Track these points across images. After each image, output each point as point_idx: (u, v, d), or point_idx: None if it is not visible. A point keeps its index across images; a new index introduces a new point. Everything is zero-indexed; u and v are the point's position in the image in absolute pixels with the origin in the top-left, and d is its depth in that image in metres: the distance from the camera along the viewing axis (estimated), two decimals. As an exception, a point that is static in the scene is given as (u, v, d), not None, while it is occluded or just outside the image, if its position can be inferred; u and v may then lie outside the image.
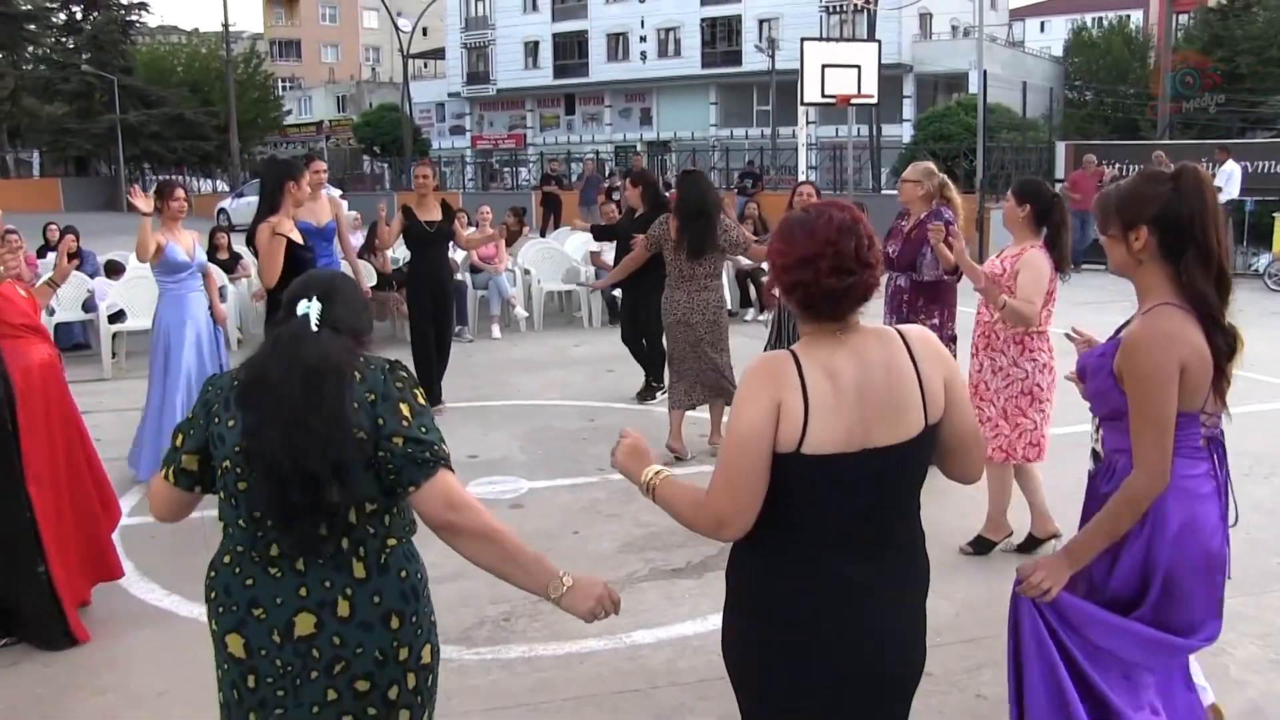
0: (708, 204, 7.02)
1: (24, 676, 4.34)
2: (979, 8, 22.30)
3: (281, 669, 2.31)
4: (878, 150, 29.95)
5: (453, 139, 60.89)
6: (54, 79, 52.53)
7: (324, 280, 2.46)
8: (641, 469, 2.44)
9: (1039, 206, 5.09)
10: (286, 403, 2.22)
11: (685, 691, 4.16)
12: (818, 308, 2.27)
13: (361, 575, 2.31)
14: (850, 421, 2.22)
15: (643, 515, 6.08)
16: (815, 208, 2.32)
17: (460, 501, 2.29)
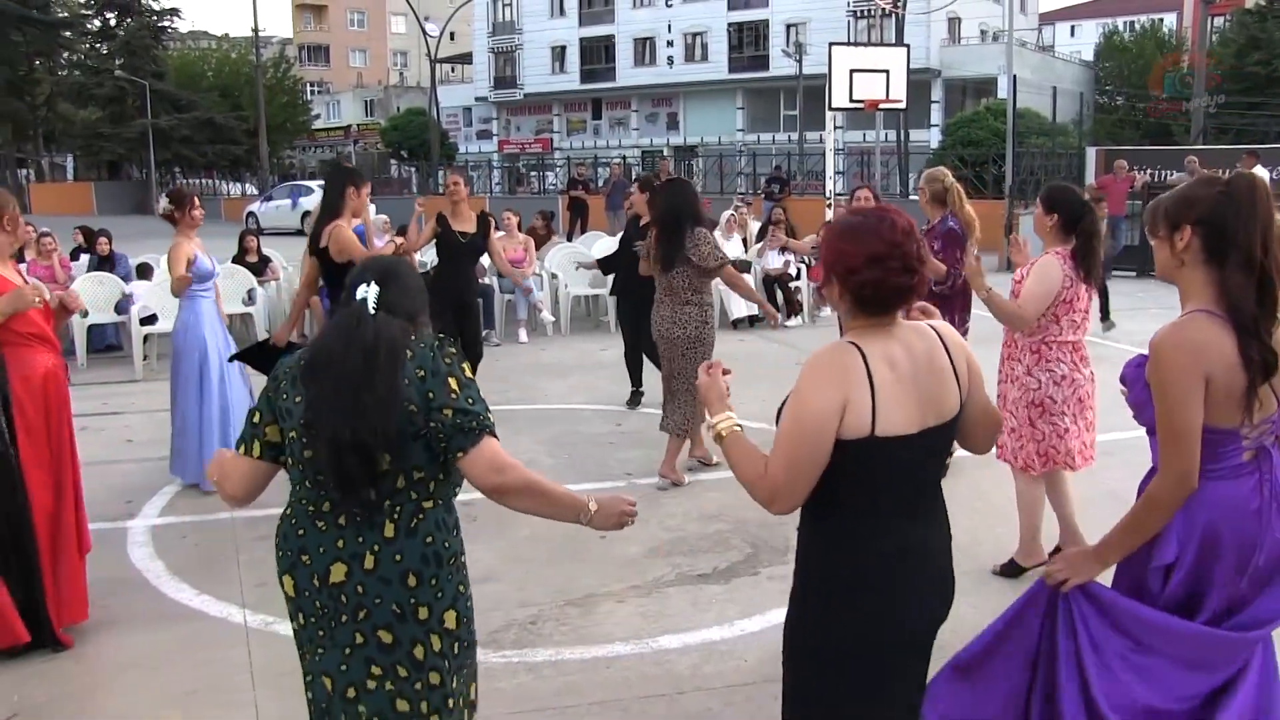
0: (680, 214, 6.62)
1: (57, 672, 4.39)
2: (1008, 12, 22.20)
3: (320, 610, 2.59)
4: (905, 155, 29.86)
5: (480, 143, 61.12)
6: (88, 84, 53.12)
7: (382, 265, 2.70)
8: (718, 410, 2.61)
9: (1067, 214, 4.99)
10: (345, 380, 2.48)
11: (711, 697, 4.16)
12: (884, 304, 2.48)
13: (390, 535, 2.55)
14: (910, 405, 2.46)
15: (669, 520, 6.09)
16: (874, 212, 2.54)
17: (503, 464, 2.54)
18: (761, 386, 9.51)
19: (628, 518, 2.71)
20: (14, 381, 4.38)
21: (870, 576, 2.52)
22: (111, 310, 11.70)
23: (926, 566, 2.60)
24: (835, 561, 2.55)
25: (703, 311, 6.75)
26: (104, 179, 55.73)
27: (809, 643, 2.62)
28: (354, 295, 2.60)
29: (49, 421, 4.54)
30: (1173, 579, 2.73)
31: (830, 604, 2.56)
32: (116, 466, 7.36)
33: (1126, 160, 18.65)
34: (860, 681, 2.59)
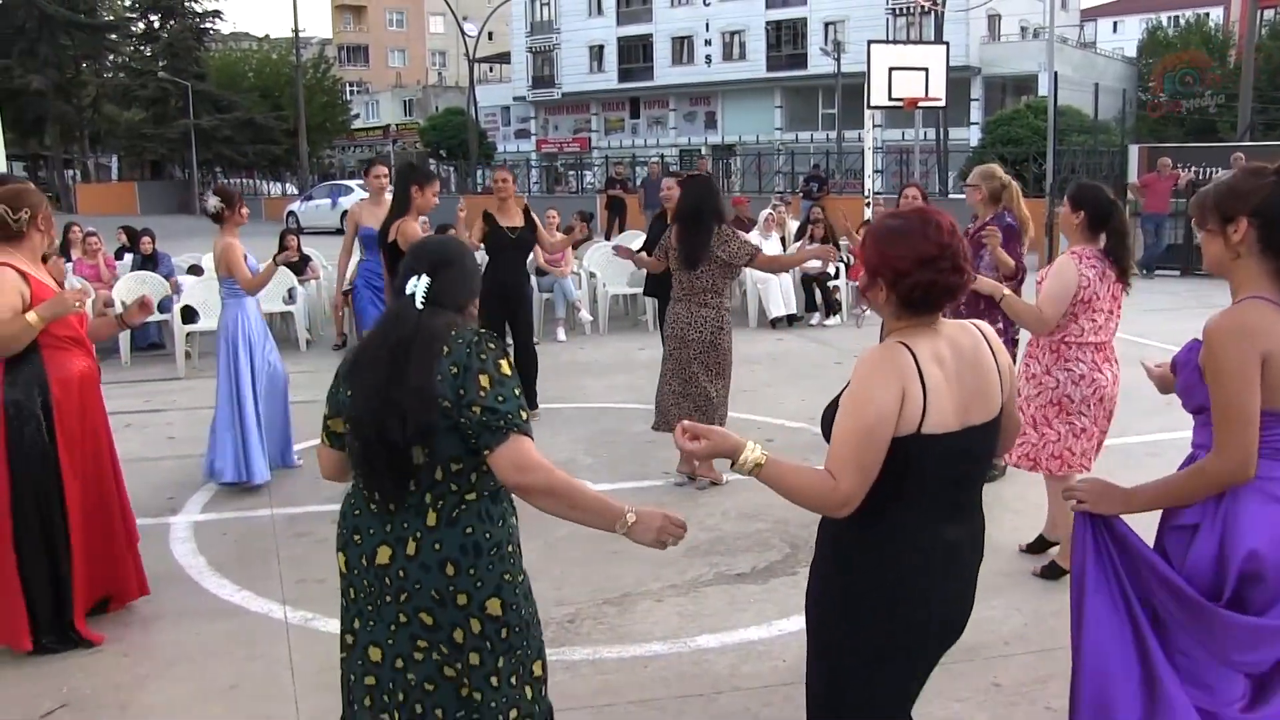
0: (702, 211, 6.45)
1: (104, 665, 4.45)
2: (1050, 8, 22.00)
3: (367, 588, 2.66)
4: (945, 154, 29.68)
5: (518, 142, 61.37)
6: (132, 86, 53.86)
7: (434, 252, 2.74)
8: (737, 449, 2.51)
9: (1093, 213, 4.94)
10: (378, 374, 2.57)
11: (749, 697, 4.14)
12: (933, 303, 2.51)
13: (432, 524, 2.59)
14: (956, 403, 2.49)
15: (708, 520, 6.07)
16: (916, 213, 2.56)
17: (527, 464, 2.52)
18: (801, 385, 9.51)
19: (669, 537, 2.62)
20: (54, 385, 4.41)
21: (911, 575, 2.53)
22: (154, 309, 11.80)
23: (963, 565, 2.63)
24: (875, 560, 2.55)
25: (719, 316, 6.58)
26: (147, 179, 56.49)
27: (846, 642, 2.62)
28: (404, 287, 2.65)
29: (84, 423, 4.58)
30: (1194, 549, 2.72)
31: (869, 603, 2.56)
32: (159, 463, 7.44)
33: (1170, 158, 18.43)
34: (895, 679, 2.63)
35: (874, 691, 2.63)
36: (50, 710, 4.09)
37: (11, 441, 4.33)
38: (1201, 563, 2.72)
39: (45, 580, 4.46)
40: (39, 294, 4.35)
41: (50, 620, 4.49)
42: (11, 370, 4.32)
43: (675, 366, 6.62)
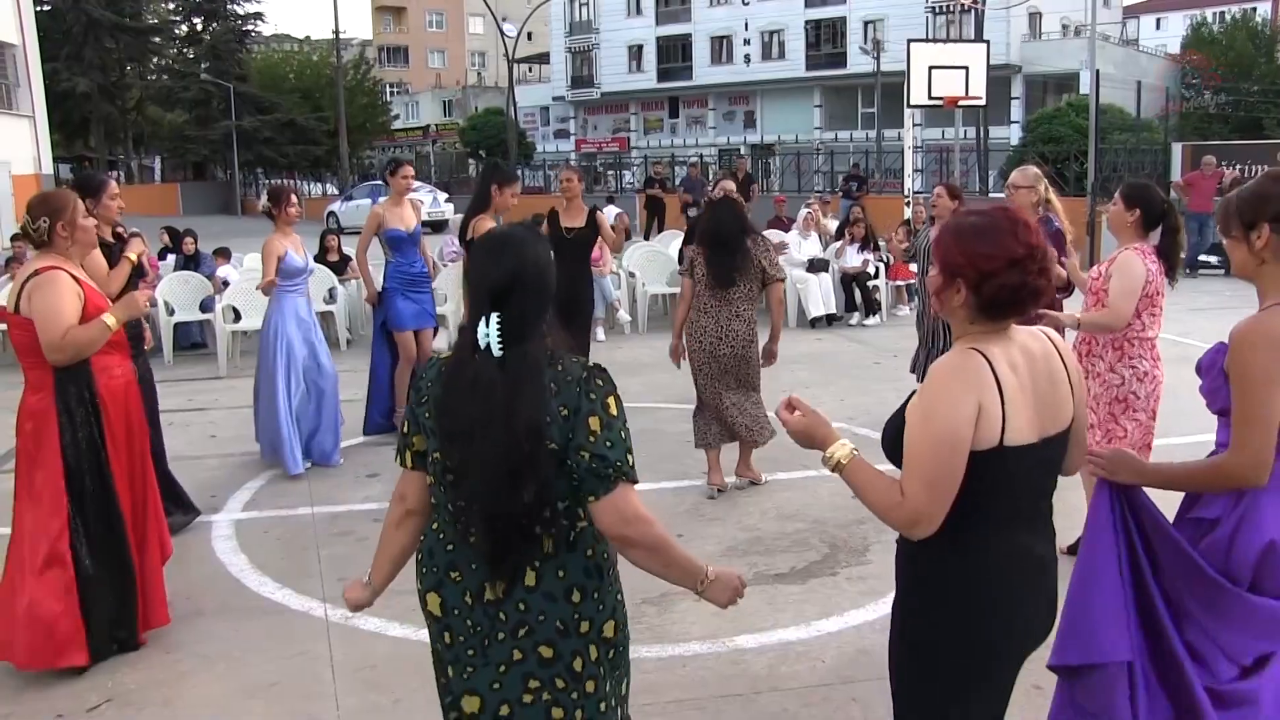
0: (727, 236, 6.43)
1: (148, 662, 4.50)
2: (1092, 5, 21.76)
3: (472, 629, 2.44)
4: (985, 153, 29.44)
5: (557, 142, 61.51)
6: (175, 88, 54.58)
7: (492, 276, 2.38)
8: (829, 439, 2.45)
9: (1149, 211, 4.93)
10: (485, 453, 2.29)
11: (788, 697, 4.13)
12: (1018, 308, 2.38)
13: (550, 551, 2.40)
14: (1032, 413, 2.37)
15: (746, 519, 6.05)
16: (999, 211, 2.43)
17: (633, 516, 2.35)
18: (840, 385, 9.47)
19: (739, 597, 2.55)
20: (102, 390, 4.42)
21: (994, 589, 2.43)
22: (196, 309, 11.95)
23: (1044, 578, 2.52)
24: (958, 574, 2.44)
25: (749, 328, 6.50)
26: (189, 180, 57.15)
27: (928, 657, 2.52)
28: (475, 333, 2.34)
29: (128, 426, 4.58)
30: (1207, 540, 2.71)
31: (952, 617, 2.45)
32: (201, 462, 7.51)
33: (1214, 156, 18.19)
34: (979, 695, 2.54)
35: (955, 707, 2.53)
36: (96, 705, 4.15)
37: (67, 449, 4.32)
38: (1218, 553, 2.70)
39: (108, 588, 4.41)
40: (90, 298, 4.37)
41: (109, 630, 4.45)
42: (63, 377, 4.31)
43: (705, 382, 6.54)
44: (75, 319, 4.24)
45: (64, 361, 4.26)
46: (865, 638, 4.59)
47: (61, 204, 4.38)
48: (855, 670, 4.32)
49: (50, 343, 4.20)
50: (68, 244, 4.38)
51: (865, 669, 4.30)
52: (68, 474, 4.31)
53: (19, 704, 4.18)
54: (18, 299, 4.25)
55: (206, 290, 12.03)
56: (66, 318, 4.21)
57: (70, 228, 4.36)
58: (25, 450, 4.36)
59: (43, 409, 4.30)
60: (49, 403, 4.29)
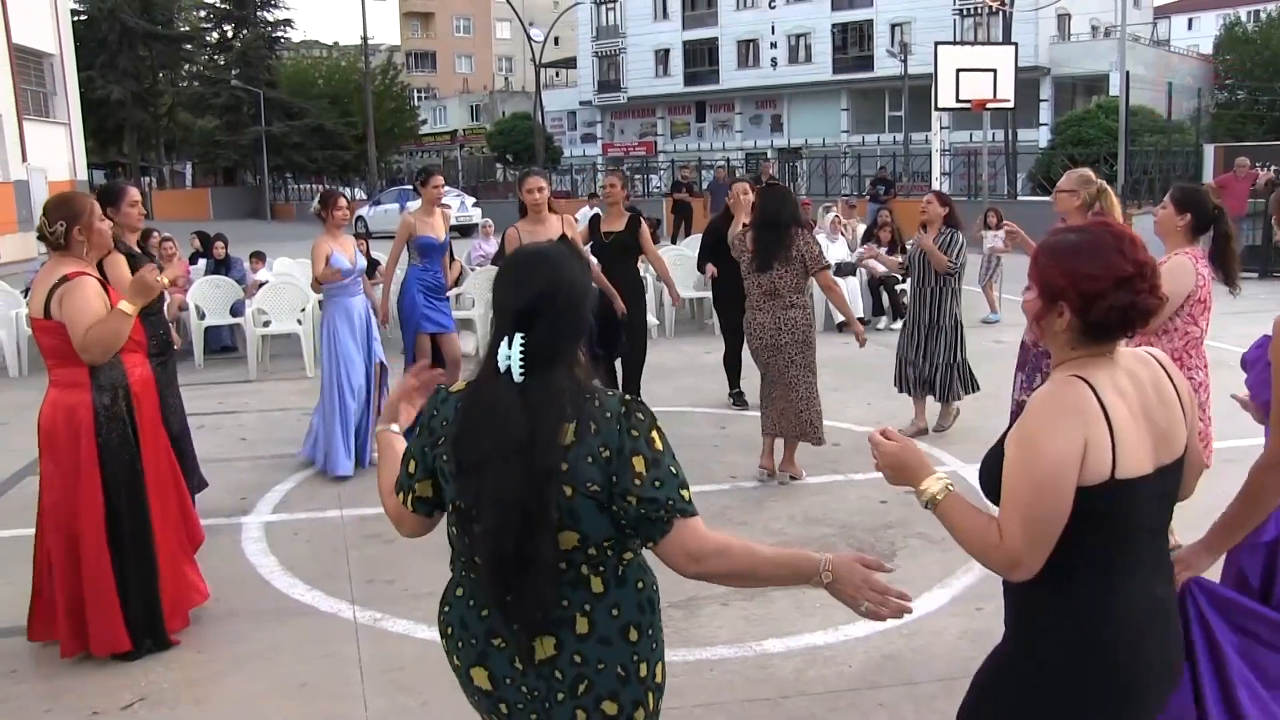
0: (780, 218, 6.60)
1: (180, 661, 4.54)
2: (1122, 6, 21.65)
3: (529, 695, 2.23)
4: (1013, 156, 29.29)
5: (584, 146, 61.64)
6: (206, 94, 55.07)
7: (527, 293, 2.17)
8: (924, 474, 2.27)
9: (1199, 216, 4.82)
10: (499, 487, 2.09)
11: (815, 702, 4.12)
12: (1126, 330, 2.20)
13: (599, 590, 2.20)
14: (1144, 442, 2.19)
15: (774, 524, 6.05)
16: (1102, 226, 2.27)
17: (700, 552, 2.15)
18: (867, 389, 9.44)
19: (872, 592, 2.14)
20: (134, 385, 4.52)
21: (1111, 640, 2.20)
22: (227, 312, 12.06)
23: (1167, 624, 2.30)
24: (1068, 623, 2.22)
25: (806, 315, 6.70)
26: (220, 185, 57.62)
27: (1031, 710, 2.28)
28: (495, 355, 2.15)
29: (153, 423, 4.68)
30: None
31: (1062, 672, 2.22)
32: (232, 464, 7.56)
33: (1248, 157, 18.02)
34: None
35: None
36: (130, 703, 4.19)
37: (102, 445, 4.40)
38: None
39: (141, 583, 4.52)
40: (112, 299, 4.42)
41: (146, 623, 4.55)
42: (98, 374, 4.39)
43: (775, 375, 6.67)
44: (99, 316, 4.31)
45: (99, 359, 4.32)
46: (892, 643, 4.58)
47: (79, 208, 4.43)
48: (882, 676, 4.31)
49: (83, 344, 4.26)
50: (84, 247, 4.44)
51: (892, 674, 4.29)
52: (103, 471, 4.39)
53: (56, 701, 4.23)
54: (45, 304, 4.30)
55: (237, 294, 12.13)
56: (91, 320, 4.27)
57: (87, 231, 4.41)
58: (52, 450, 4.42)
59: (75, 406, 4.36)
60: (83, 399, 4.37)
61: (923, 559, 5.45)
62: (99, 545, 4.40)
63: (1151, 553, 2.26)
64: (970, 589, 5.01)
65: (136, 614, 4.49)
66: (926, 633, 4.65)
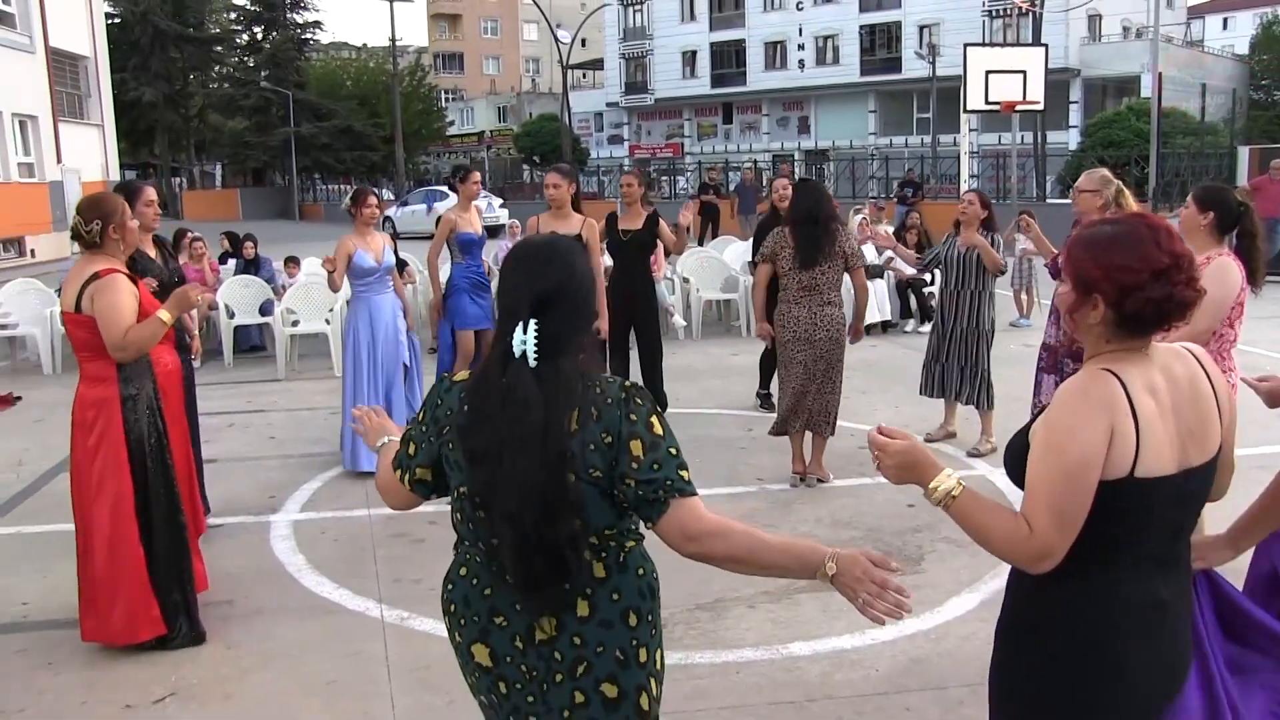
0: (817, 213, 6.64)
1: (210, 657, 4.58)
2: (1155, 6, 21.47)
3: (527, 674, 2.28)
4: (1043, 158, 29.15)
5: (611, 148, 61.66)
6: (236, 96, 55.54)
7: (536, 282, 2.20)
8: (933, 472, 2.24)
9: (1223, 215, 4.70)
10: (517, 473, 2.11)
11: (841, 706, 4.11)
12: (1162, 323, 2.18)
13: (601, 575, 2.25)
14: (1172, 441, 2.17)
15: (801, 526, 6.04)
16: (1137, 219, 2.24)
17: (697, 531, 2.18)
18: (894, 392, 9.42)
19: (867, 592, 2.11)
20: (160, 378, 4.70)
21: (1116, 635, 2.22)
22: (256, 312, 12.14)
23: (1169, 630, 2.28)
24: (1075, 617, 2.24)
25: (841, 312, 6.74)
26: (249, 185, 58.04)
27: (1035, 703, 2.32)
28: (509, 339, 2.16)
29: (176, 414, 4.85)
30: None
31: (1058, 668, 2.26)
32: (260, 462, 7.62)
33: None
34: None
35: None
36: (162, 697, 4.23)
37: (131, 437, 4.51)
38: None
39: (177, 570, 4.64)
40: (144, 298, 4.58)
41: (182, 607, 4.67)
42: (125, 367, 4.52)
43: (800, 369, 6.67)
44: (134, 319, 4.44)
45: (129, 358, 4.47)
46: (919, 647, 4.56)
47: (112, 207, 4.59)
48: (909, 680, 4.30)
49: (114, 343, 4.38)
50: (118, 245, 4.59)
51: (919, 678, 4.27)
52: (132, 460, 4.51)
53: (91, 693, 4.29)
54: (77, 299, 4.42)
55: (266, 294, 12.22)
56: (127, 318, 4.41)
57: (120, 230, 4.58)
58: (84, 441, 4.53)
59: (105, 399, 4.49)
60: (111, 392, 4.49)
61: (951, 563, 5.42)
62: (130, 535, 4.51)
63: (1166, 554, 2.24)
64: (999, 593, 4.93)
65: (172, 599, 4.61)
66: (954, 637, 4.63)
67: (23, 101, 25.55)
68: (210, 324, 12.31)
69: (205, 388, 6.59)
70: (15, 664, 4.56)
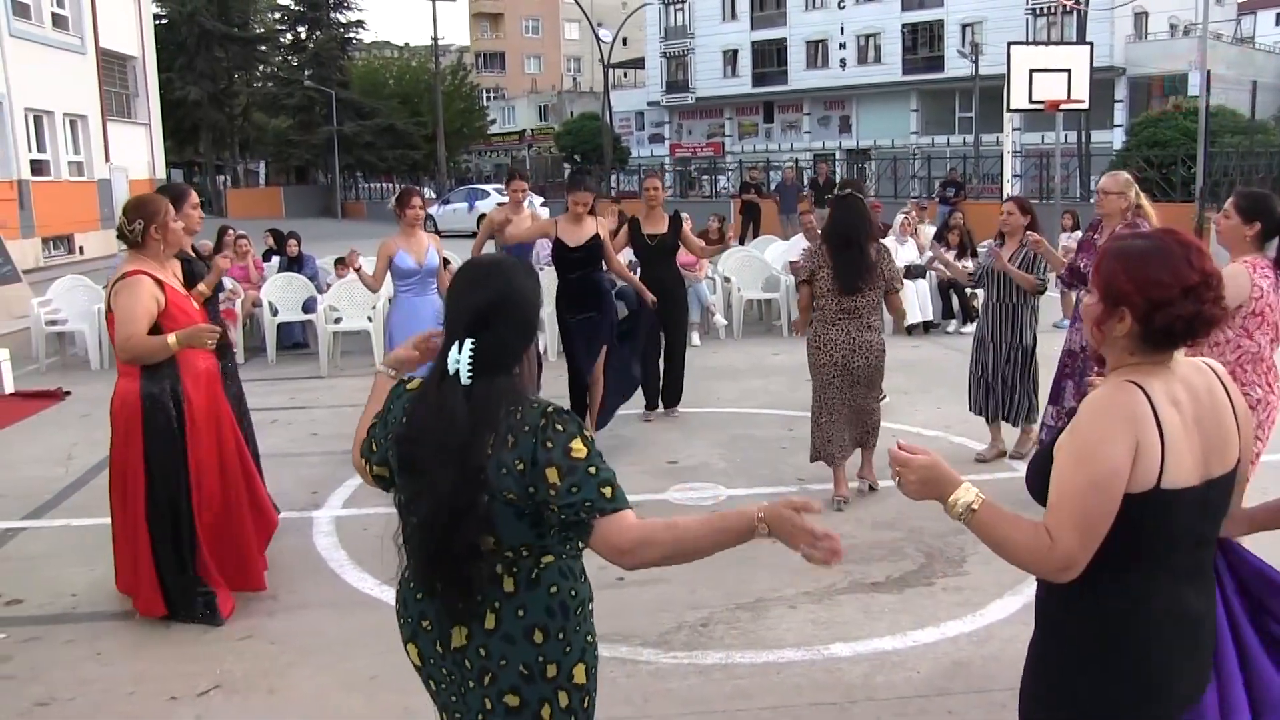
0: (853, 236, 6.20)
1: (254, 652, 4.65)
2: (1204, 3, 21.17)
3: (448, 676, 2.38)
4: (1087, 158, 28.81)
5: (651, 147, 61.64)
6: (280, 94, 55.98)
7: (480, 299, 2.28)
8: (951, 487, 2.23)
9: (1270, 223, 4.53)
10: (435, 485, 2.22)
11: (882, 708, 4.09)
12: (1189, 337, 2.20)
13: (510, 590, 2.28)
14: (1195, 453, 2.20)
15: (842, 527, 6.01)
16: (1167, 234, 2.27)
17: (625, 544, 2.19)
18: (936, 393, 9.35)
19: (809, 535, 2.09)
20: (186, 380, 4.81)
21: (1141, 647, 2.23)
22: (299, 309, 12.24)
23: (1199, 638, 2.30)
24: (1101, 628, 2.26)
25: (881, 338, 6.39)
26: (292, 184, 58.51)
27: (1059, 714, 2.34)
28: (444, 359, 2.27)
29: (211, 414, 4.95)
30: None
31: (1091, 676, 2.27)
32: (303, 458, 7.68)
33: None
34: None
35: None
36: (206, 690, 4.30)
37: (148, 429, 4.71)
38: None
39: (173, 557, 4.81)
40: (172, 299, 4.74)
41: (179, 594, 4.86)
42: (148, 365, 4.70)
43: (834, 394, 6.35)
44: (147, 322, 4.62)
45: (126, 360, 4.69)
46: (962, 649, 4.53)
47: (155, 208, 4.76)
48: (951, 682, 4.27)
49: (117, 341, 4.65)
50: (159, 246, 4.76)
51: (961, 681, 4.25)
52: (147, 455, 4.72)
53: (139, 685, 4.36)
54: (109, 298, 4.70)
55: (309, 291, 12.32)
56: (138, 321, 4.59)
57: (162, 230, 4.75)
58: (118, 439, 4.78)
59: (129, 392, 4.72)
60: (133, 386, 4.71)
61: (994, 565, 5.37)
62: (138, 520, 4.76)
63: (1189, 563, 2.26)
64: (1042, 597, 4.93)
65: (171, 586, 4.83)
66: (997, 640, 4.59)
67: (73, 101, 25.96)
68: (254, 321, 12.43)
69: (249, 384, 6.65)
70: (64, 654, 4.65)
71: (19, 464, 7.75)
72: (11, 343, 11.59)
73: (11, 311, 14.42)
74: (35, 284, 15.83)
